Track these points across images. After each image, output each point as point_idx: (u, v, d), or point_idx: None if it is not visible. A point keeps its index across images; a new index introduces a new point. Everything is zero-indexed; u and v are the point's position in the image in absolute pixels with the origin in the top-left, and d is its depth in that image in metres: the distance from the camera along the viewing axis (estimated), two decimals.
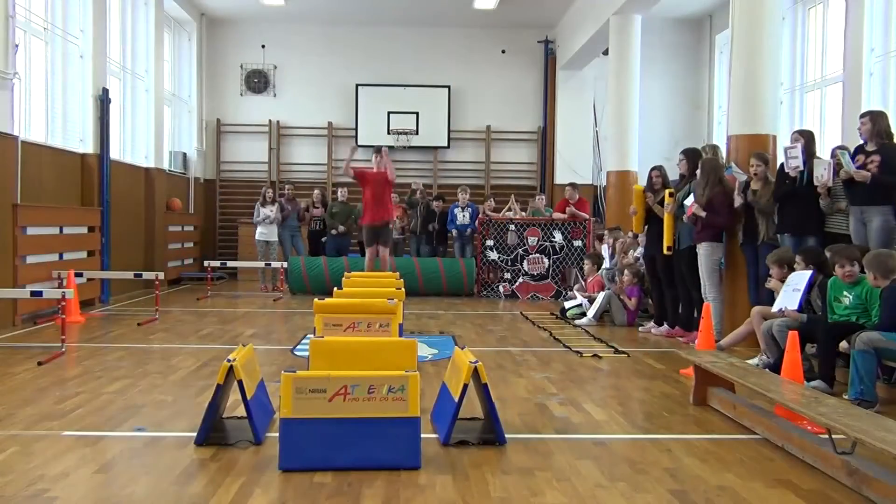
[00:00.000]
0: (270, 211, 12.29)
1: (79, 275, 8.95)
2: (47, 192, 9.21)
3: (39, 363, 5.94)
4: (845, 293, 5.32)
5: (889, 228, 6.00)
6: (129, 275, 9.68)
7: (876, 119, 6.16)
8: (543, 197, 13.02)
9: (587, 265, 9.89)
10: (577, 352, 6.85)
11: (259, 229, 12.38)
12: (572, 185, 12.30)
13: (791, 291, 5.66)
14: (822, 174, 6.30)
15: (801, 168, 6.46)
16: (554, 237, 11.72)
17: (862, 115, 6.32)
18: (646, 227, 8.29)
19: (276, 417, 4.06)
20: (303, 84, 15.23)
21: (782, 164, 6.72)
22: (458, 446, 3.90)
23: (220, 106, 15.28)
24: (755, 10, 7.31)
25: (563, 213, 11.93)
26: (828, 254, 5.78)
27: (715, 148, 8.00)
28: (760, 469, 3.67)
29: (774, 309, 5.77)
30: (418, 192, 12.75)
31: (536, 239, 11.74)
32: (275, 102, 15.27)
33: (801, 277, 5.67)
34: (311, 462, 3.50)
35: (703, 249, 7.31)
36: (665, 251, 7.75)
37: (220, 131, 15.27)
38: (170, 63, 13.97)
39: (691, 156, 7.86)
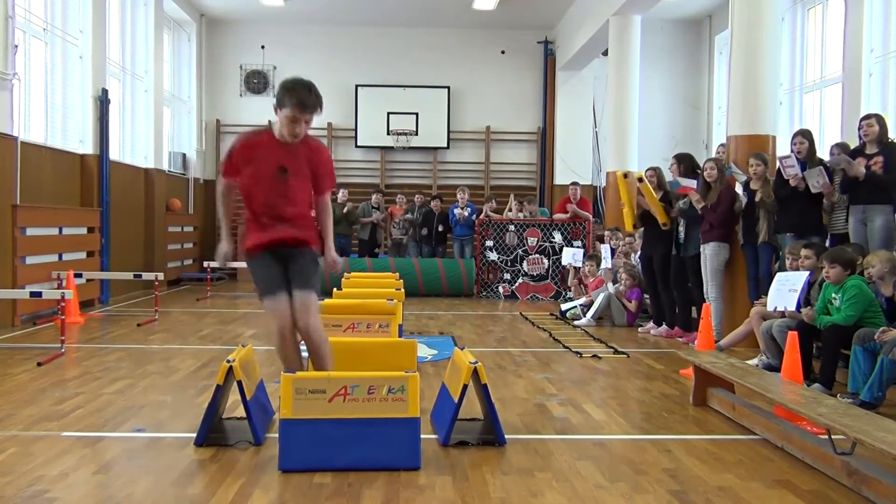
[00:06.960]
0: None
1: (78, 275, 8.95)
2: (47, 192, 9.21)
3: (39, 364, 5.93)
4: (834, 295, 5.34)
5: (891, 228, 6.00)
6: (129, 275, 9.67)
7: (882, 122, 6.18)
8: (535, 204, 12.92)
9: (588, 266, 9.89)
10: (577, 352, 6.85)
11: None
12: (574, 183, 12.29)
13: (787, 291, 5.62)
14: (817, 182, 6.27)
15: (800, 175, 6.43)
16: (554, 238, 11.71)
17: (868, 117, 6.29)
18: (642, 228, 8.29)
19: (276, 418, 4.06)
20: None
21: (780, 166, 6.72)
22: (457, 447, 3.89)
23: (219, 106, 15.28)
24: (755, 10, 7.32)
25: (565, 212, 11.90)
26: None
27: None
28: (760, 469, 3.67)
29: (769, 308, 5.77)
30: (416, 199, 12.67)
31: (536, 240, 11.73)
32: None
33: (797, 278, 5.62)
34: (311, 462, 3.50)
35: (709, 249, 7.28)
36: (662, 227, 7.75)
37: (220, 132, 15.26)
38: (169, 64, 13.97)
39: (684, 160, 7.97)
